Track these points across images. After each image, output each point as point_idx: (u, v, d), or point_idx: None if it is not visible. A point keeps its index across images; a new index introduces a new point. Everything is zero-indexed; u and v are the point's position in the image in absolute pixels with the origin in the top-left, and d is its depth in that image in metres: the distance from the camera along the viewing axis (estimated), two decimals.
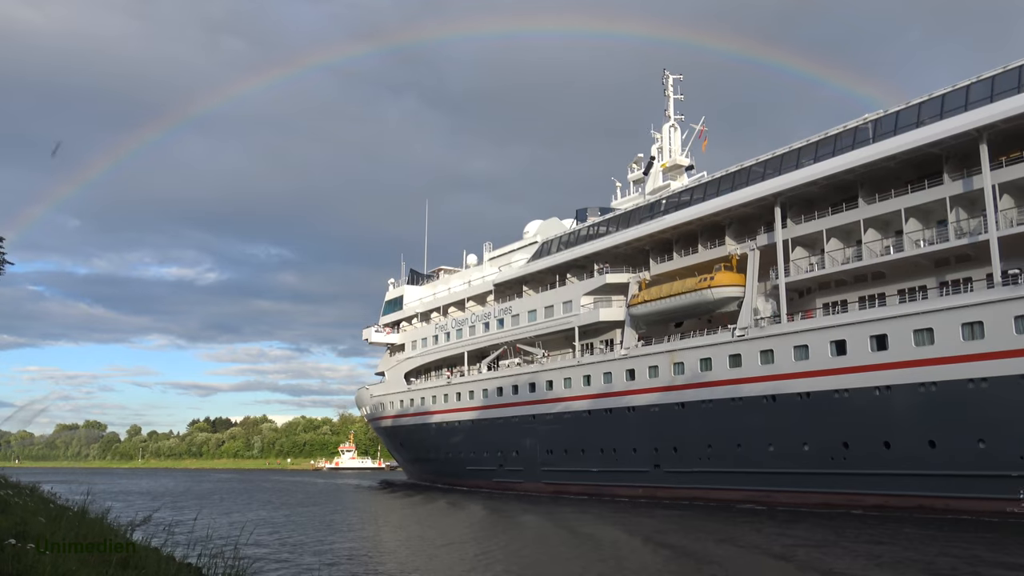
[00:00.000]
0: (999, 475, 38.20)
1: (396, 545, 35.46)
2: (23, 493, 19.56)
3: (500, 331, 73.74)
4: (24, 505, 15.64)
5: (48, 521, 12.96)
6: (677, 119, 72.31)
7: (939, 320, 41.18)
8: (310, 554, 29.10)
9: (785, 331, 48.77)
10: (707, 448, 52.64)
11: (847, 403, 44.77)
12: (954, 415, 39.96)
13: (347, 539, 35.35)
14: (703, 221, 56.06)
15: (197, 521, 20.15)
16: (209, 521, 26.37)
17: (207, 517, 32.26)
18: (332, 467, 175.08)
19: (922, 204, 44.45)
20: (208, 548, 11.54)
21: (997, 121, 39.66)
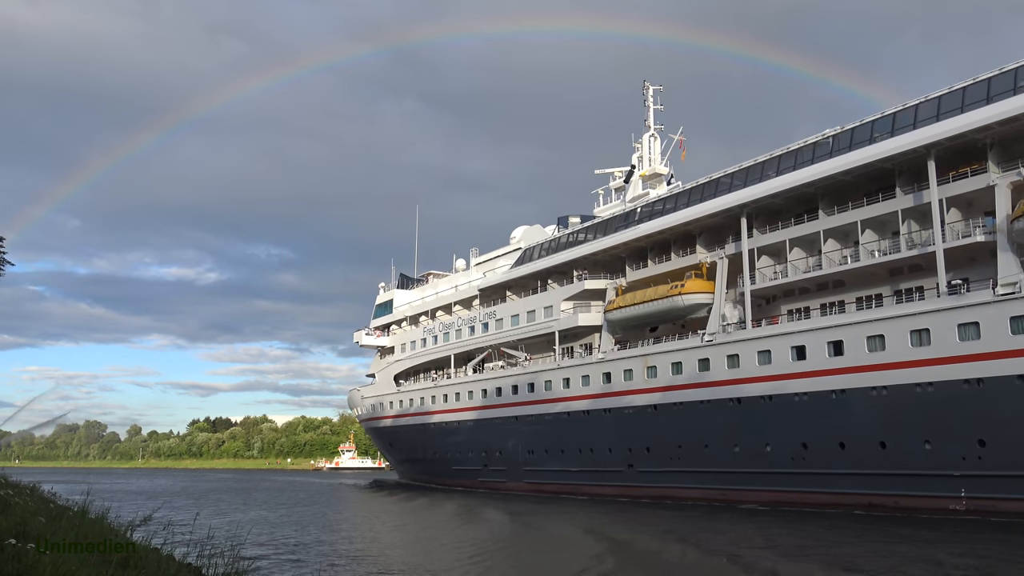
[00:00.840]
0: (943, 475, 40.39)
1: (368, 540, 37.67)
2: (23, 493, 19.23)
3: (485, 335, 75.93)
4: (24, 505, 15.50)
5: (48, 521, 12.92)
6: (657, 129, 74.50)
7: (890, 327, 43.37)
8: (304, 551, 30.26)
9: (750, 337, 50.95)
10: (677, 448, 54.85)
11: (806, 406, 46.96)
12: (903, 418, 42.15)
13: (333, 536, 37.56)
14: (675, 230, 58.26)
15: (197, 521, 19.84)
16: (209, 521, 27.11)
17: (204, 517, 33.76)
18: (332, 467, 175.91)
19: (877, 216, 46.63)
20: (208, 548, 11.55)
21: (942, 139, 41.86)
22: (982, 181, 41.55)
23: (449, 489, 74.57)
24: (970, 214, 43.17)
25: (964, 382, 39.85)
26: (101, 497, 18.59)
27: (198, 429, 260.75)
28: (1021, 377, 37.74)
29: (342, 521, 46.34)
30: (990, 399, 38.71)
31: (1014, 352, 38.18)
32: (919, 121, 43.29)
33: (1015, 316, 38.36)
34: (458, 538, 36.31)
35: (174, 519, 20.30)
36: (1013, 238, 39.47)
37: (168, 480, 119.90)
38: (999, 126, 40.07)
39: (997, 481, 38.52)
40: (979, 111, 40.54)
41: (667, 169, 72.89)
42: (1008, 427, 38.01)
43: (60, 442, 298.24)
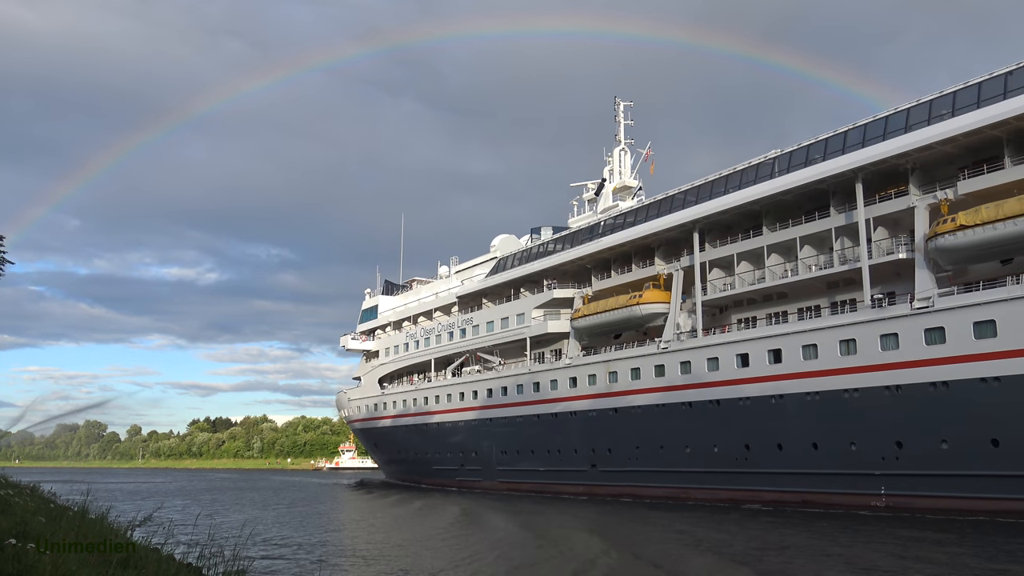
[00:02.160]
0: (865, 474, 43.85)
1: (339, 536, 41.16)
2: (23, 493, 19.50)
3: (463, 340, 79.40)
4: (24, 505, 15.57)
5: (48, 521, 12.95)
6: (627, 143, 77.85)
7: (822, 337, 46.82)
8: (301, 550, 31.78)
9: (700, 345, 54.40)
10: (635, 449, 58.31)
11: (749, 410, 50.39)
12: (832, 421, 45.60)
13: (317, 532, 41.04)
14: (636, 243, 61.70)
15: (197, 521, 21.81)
16: (201, 521, 27.98)
17: (191, 516, 35.81)
18: (332, 467, 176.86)
19: (815, 233, 50.06)
20: (208, 548, 11.61)
21: (867, 163, 45.31)
22: (904, 203, 44.98)
23: (428, 488, 78.08)
24: (896, 232, 46.55)
25: (885, 388, 43.30)
26: (101, 497, 18.67)
27: (198, 429, 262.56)
28: (933, 384, 41.17)
29: (319, 517, 49.80)
30: (907, 404, 42.16)
31: (928, 361, 41.61)
32: (848, 146, 46.72)
33: (929, 328, 41.79)
34: (410, 530, 39.82)
35: (174, 519, 21.93)
36: (929, 255, 42.87)
37: (165, 480, 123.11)
38: (917, 153, 43.51)
39: (913, 480, 41.97)
40: (899, 139, 43.98)
41: (636, 182, 76.22)
42: (922, 430, 41.44)
43: (60, 442, 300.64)
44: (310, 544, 33.59)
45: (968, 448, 39.60)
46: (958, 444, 40.05)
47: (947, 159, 43.98)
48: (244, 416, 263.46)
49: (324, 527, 42.82)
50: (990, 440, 38.82)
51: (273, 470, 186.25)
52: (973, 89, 41.36)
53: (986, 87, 40.80)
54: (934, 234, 41.99)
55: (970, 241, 40.34)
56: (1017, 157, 40.89)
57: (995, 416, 38.55)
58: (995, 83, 40.47)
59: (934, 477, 41.05)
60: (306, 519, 47.58)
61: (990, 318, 39.31)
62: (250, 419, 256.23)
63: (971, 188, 42.14)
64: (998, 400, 38.51)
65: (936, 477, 40.96)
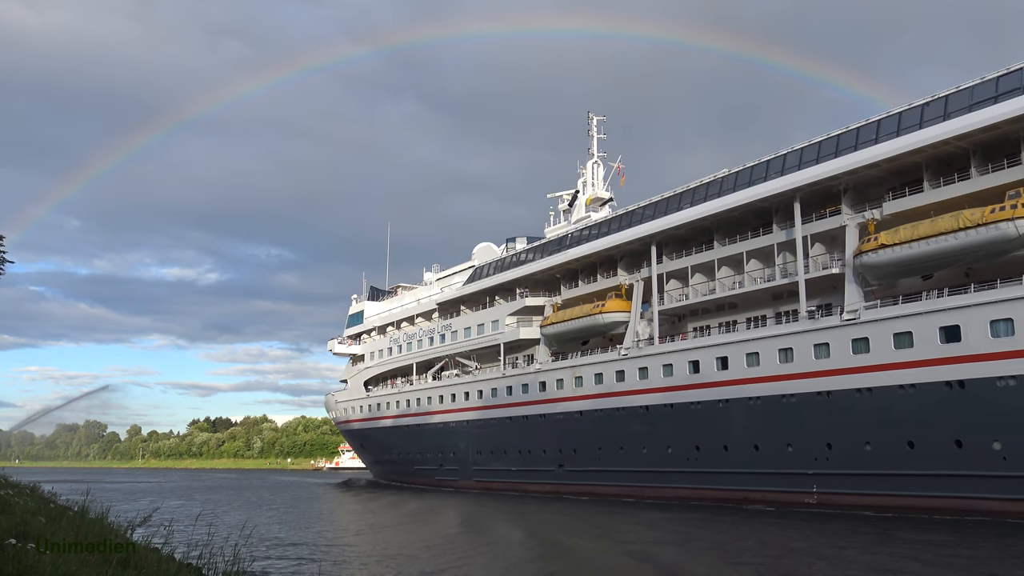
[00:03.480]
0: (800, 473, 47.27)
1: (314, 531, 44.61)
2: (23, 493, 19.62)
3: (442, 345, 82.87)
4: (24, 505, 15.63)
5: (48, 521, 12.98)
6: (600, 156, 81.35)
7: (764, 346, 50.24)
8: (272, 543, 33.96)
9: (656, 352, 57.82)
10: (598, 450, 61.74)
11: (698, 414, 53.81)
12: (771, 423, 49.01)
13: (293, 530, 44.48)
14: (600, 254, 65.14)
15: (196, 521, 21.78)
16: (208, 521, 28.79)
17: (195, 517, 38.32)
18: (332, 467, 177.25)
19: (760, 248, 53.45)
20: (208, 548, 11.69)
21: (804, 185, 48.72)
22: (837, 221, 48.39)
23: (408, 487, 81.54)
24: (832, 248, 49.90)
25: (817, 394, 46.71)
26: (101, 497, 19.06)
27: (198, 429, 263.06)
28: (858, 390, 44.57)
29: (299, 516, 53.26)
30: (836, 409, 45.57)
31: (854, 369, 45.01)
32: (786, 168, 50.13)
33: (856, 338, 45.20)
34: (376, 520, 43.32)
35: (174, 519, 22.60)
36: (857, 271, 46.25)
37: (162, 480, 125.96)
38: (846, 176, 46.93)
39: (840, 479, 45.38)
40: (831, 162, 47.39)
41: (608, 193, 79.72)
42: (849, 433, 44.86)
43: (60, 442, 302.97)
44: (279, 540, 37.01)
45: (888, 449, 43.00)
46: (879, 446, 43.45)
47: (876, 181, 47.36)
48: (244, 416, 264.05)
49: (295, 525, 46.26)
50: (907, 442, 42.22)
51: (273, 470, 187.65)
52: (894, 119, 44.76)
53: (905, 116, 44.19)
54: (860, 251, 45.40)
55: (890, 259, 43.73)
56: (935, 181, 44.28)
57: (911, 420, 41.94)
58: (912, 113, 43.86)
59: (859, 476, 44.45)
60: (286, 517, 51.02)
61: (908, 330, 42.70)
62: (250, 419, 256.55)
63: (895, 209, 45.56)
64: (914, 405, 41.91)
65: (861, 476, 44.36)
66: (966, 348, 40.11)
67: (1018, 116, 38.84)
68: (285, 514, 51.13)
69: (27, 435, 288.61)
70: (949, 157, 43.55)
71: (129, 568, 10.04)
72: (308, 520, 48.17)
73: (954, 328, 40.71)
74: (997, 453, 38.62)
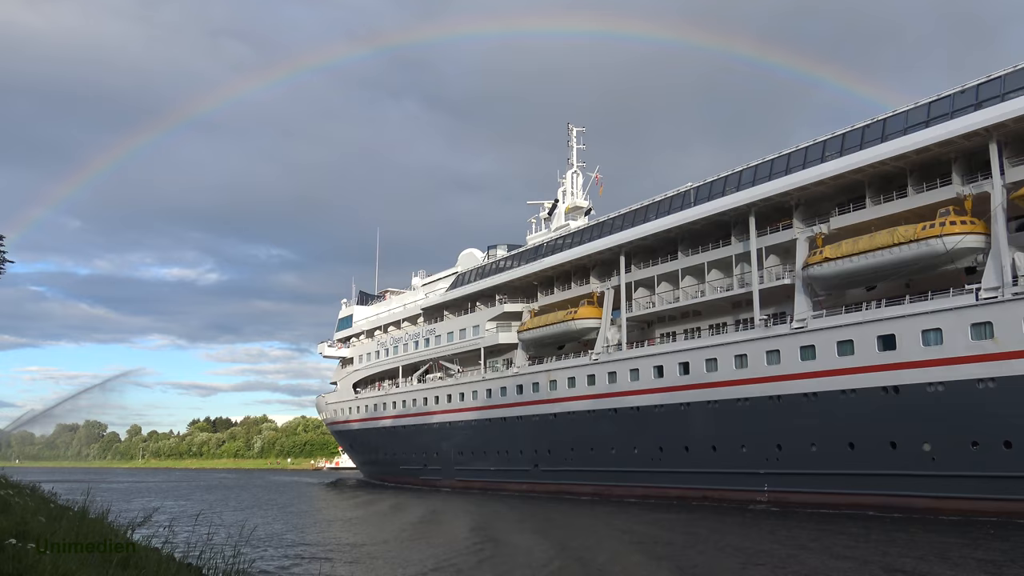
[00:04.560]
0: (753, 473, 50.05)
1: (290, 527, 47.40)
2: (23, 493, 19.66)
3: (427, 349, 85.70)
4: (24, 505, 15.63)
5: (48, 521, 13.01)
6: (579, 166, 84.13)
7: (721, 352, 53.02)
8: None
9: (623, 357, 60.61)
10: (570, 451, 64.55)
11: (662, 416, 56.60)
12: (728, 426, 51.80)
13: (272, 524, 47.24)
14: (574, 263, 67.93)
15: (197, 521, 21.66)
16: (210, 520, 29.44)
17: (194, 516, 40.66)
18: (332, 467, 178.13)
19: (720, 258, 56.23)
20: (208, 548, 11.72)
21: (758, 200, 51.51)
22: (789, 235, 51.16)
23: (394, 487, 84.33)
24: (786, 260, 52.63)
25: (768, 398, 49.51)
26: (99, 496, 19.19)
27: (198, 429, 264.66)
28: (805, 395, 47.36)
29: (283, 512, 56.11)
30: (785, 412, 48.34)
31: (802, 375, 47.80)
32: (742, 184, 52.91)
33: (804, 346, 47.98)
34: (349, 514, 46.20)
35: (174, 519, 22.37)
36: (806, 282, 49.02)
37: (159, 480, 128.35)
38: (796, 192, 49.71)
39: (790, 478, 48.16)
40: (782, 179, 50.15)
41: (587, 202, 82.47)
42: (797, 435, 47.64)
43: (60, 442, 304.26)
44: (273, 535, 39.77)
45: (831, 450, 45.77)
46: (824, 447, 46.23)
47: (824, 197, 50.10)
48: (244, 416, 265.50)
49: (273, 519, 49.10)
50: (848, 444, 45.00)
51: (273, 470, 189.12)
52: (838, 139, 47.57)
53: (848, 137, 47.00)
54: (807, 264, 48.20)
55: (834, 271, 46.53)
56: (876, 198, 47.06)
57: (851, 423, 44.72)
58: (855, 134, 46.67)
59: (806, 476, 47.22)
60: (275, 514, 53.86)
61: (849, 338, 45.50)
62: (250, 419, 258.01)
63: (841, 223, 48.34)
64: (854, 409, 44.69)
65: (807, 476, 47.13)
66: (901, 356, 42.90)
67: (946, 140, 41.60)
68: (274, 511, 53.91)
69: (27, 435, 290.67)
70: (889, 175, 46.29)
71: (129, 568, 10.10)
72: (290, 515, 51.03)
73: (890, 337, 43.50)
74: (927, 454, 41.39)
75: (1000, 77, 40.56)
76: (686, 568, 26.90)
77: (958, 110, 41.55)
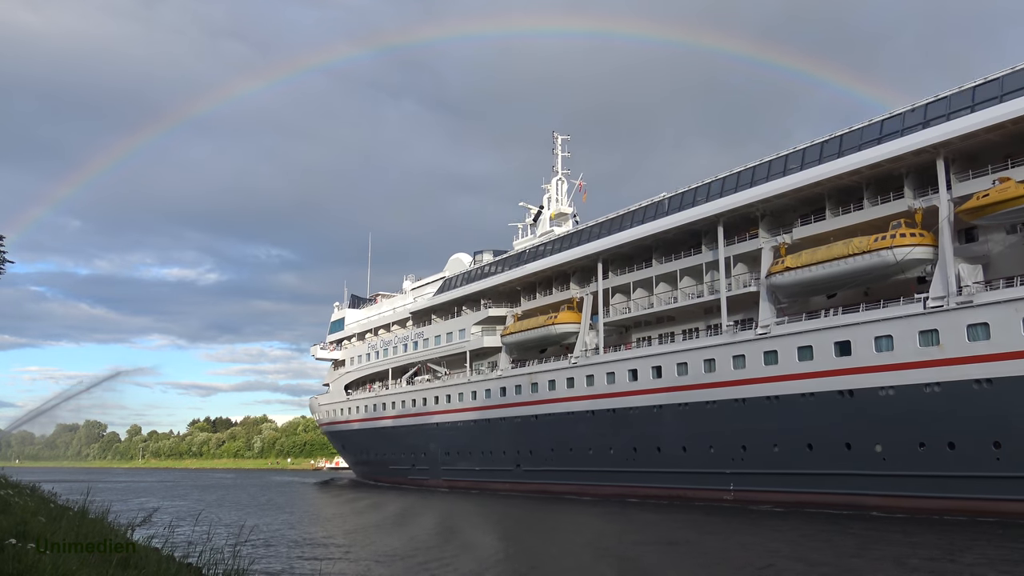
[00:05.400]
0: (719, 472, 52.21)
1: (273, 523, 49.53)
2: (23, 493, 19.69)
3: (415, 352, 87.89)
4: (24, 505, 15.64)
5: (48, 521, 13.00)
6: (564, 173, 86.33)
7: (691, 357, 55.18)
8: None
9: (600, 361, 62.78)
10: (550, 451, 66.72)
11: (636, 417, 58.77)
12: (697, 427, 53.96)
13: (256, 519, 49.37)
14: (555, 269, 70.11)
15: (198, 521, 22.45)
16: (211, 518, 30.49)
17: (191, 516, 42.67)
18: (332, 467, 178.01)
19: (691, 266, 58.38)
20: (208, 548, 11.75)
21: (726, 210, 53.67)
22: (755, 244, 53.32)
23: (383, 486, 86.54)
24: (753, 268, 54.78)
25: (734, 401, 51.67)
26: (96, 495, 19.31)
27: (198, 429, 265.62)
28: (768, 398, 49.52)
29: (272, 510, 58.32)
30: (750, 414, 50.50)
31: (765, 379, 49.95)
32: (711, 195, 55.08)
33: (767, 351, 50.14)
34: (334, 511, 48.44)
35: (174, 519, 23.25)
36: (769, 289, 51.18)
37: (156, 479, 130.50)
38: (761, 204, 51.88)
39: (753, 477, 50.32)
40: (748, 191, 52.31)
41: (571, 209, 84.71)
42: (761, 436, 49.79)
43: (60, 442, 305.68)
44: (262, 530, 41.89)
45: (791, 451, 47.94)
46: (784, 448, 48.40)
47: (788, 208, 52.27)
48: (244, 416, 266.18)
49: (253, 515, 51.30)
50: (807, 445, 47.17)
51: (273, 470, 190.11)
52: (799, 154, 49.76)
53: (808, 152, 49.20)
54: (770, 272, 50.36)
55: (794, 280, 48.69)
56: (836, 209, 49.21)
57: (810, 425, 46.88)
58: (814, 149, 48.85)
59: (769, 475, 49.38)
60: (265, 511, 56.06)
61: (809, 344, 47.67)
62: (250, 419, 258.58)
63: (803, 234, 50.48)
64: (813, 412, 46.86)
65: (770, 475, 49.29)
66: (856, 361, 45.07)
67: (897, 156, 43.76)
68: (264, 509, 56.08)
69: (27, 435, 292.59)
70: (848, 188, 48.43)
71: (129, 568, 10.09)
72: (265, 510, 53.20)
73: (846, 343, 45.67)
74: (878, 455, 43.56)
75: (946, 97, 42.72)
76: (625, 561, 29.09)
77: (908, 128, 43.72)
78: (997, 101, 39.97)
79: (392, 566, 27.36)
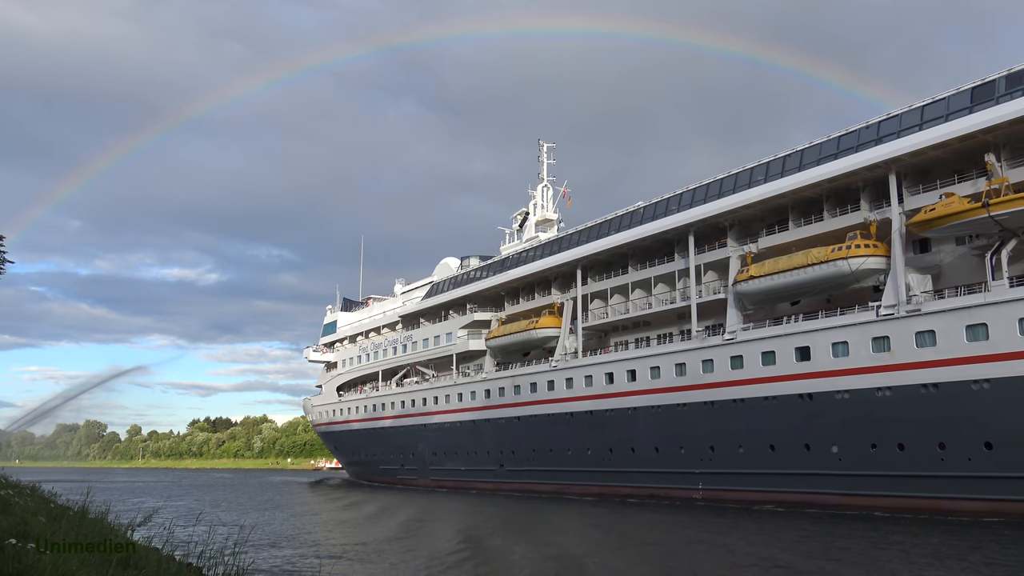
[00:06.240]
0: (689, 472, 54.38)
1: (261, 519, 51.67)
2: (23, 493, 19.70)
3: (405, 354, 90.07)
4: (24, 505, 15.64)
5: (48, 521, 13.02)
6: (550, 180, 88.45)
7: (663, 361, 57.34)
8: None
9: (579, 364, 64.97)
10: (532, 452, 68.91)
11: (612, 419, 60.94)
12: (669, 429, 56.13)
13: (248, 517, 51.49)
14: (537, 275, 72.28)
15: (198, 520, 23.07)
16: (212, 518, 30.05)
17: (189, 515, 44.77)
18: (332, 467, 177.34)
19: (665, 273, 60.55)
20: (208, 548, 11.79)
21: (696, 220, 55.84)
22: (723, 253, 55.47)
23: (373, 486, 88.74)
24: (723, 276, 56.85)
25: (703, 403, 53.83)
26: (100, 497, 19.25)
27: (198, 429, 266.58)
28: (734, 401, 51.67)
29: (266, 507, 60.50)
30: (718, 416, 52.65)
31: (731, 382, 52.11)
32: (683, 205, 57.24)
33: (733, 356, 52.30)
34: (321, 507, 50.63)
35: (174, 519, 22.86)
36: (736, 296, 53.32)
37: (154, 479, 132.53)
38: (728, 214, 54.03)
39: (721, 477, 52.48)
40: (717, 202, 54.46)
41: (556, 215, 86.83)
42: (727, 437, 51.95)
43: (60, 442, 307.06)
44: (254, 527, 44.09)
45: (755, 451, 50.10)
46: (749, 448, 50.57)
47: (755, 218, 54.39)
48: (244, 416, 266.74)
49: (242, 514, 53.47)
50: (769, 446, 49.34)
51: (273, 470, 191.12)
52: (763, 167, 51.92)
53: (771, 165, 51.36)
54: (736, 280, 52.52)
55: (758, 288, 50.85)
56: (798, 220, 51.35)
57: (772, 427, 49.04)
58: (777, 163, 51.01)
59: (735, 475, 51.55)
60: (240, 509, 58.23)
61: (772, 349, 49.82)
62: (250, 419, 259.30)
63: (768, 244, 52.64)
64: (775, 414, 49.02)
65: (736, 475, 51.46)
66: (814, 366, 47.23)
67: (852, 171, 45.91)
68: (247, 507, 58.26)
69: (27, 435, 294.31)
70: (810, 200, 50.56)
71: (129, 568, 10.08)
72: (252, 508, 55.42)
73: (806, 348, 47.84)
74: (835, 455, 45.71)
75: (898, 115, 44.87)
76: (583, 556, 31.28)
77: (863, 144, 45.86)
78: (943, 120, 42.11)
79: (341, 561, 28.98)
